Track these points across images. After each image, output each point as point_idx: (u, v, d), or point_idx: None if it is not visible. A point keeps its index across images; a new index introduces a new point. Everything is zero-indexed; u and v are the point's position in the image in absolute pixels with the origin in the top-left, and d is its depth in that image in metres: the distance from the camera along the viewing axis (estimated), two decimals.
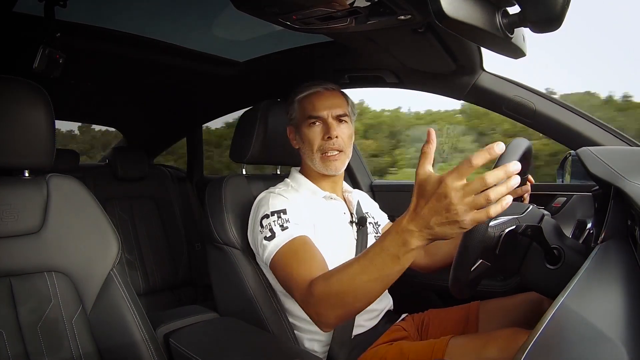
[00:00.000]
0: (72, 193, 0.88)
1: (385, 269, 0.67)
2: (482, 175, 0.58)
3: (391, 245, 0.66)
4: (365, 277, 0.69)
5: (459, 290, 0.79)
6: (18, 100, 0.80)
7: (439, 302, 1.39)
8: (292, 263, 0.88)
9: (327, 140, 1.05)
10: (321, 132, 1.06)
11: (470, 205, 0.58)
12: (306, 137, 1.07)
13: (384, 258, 0.67)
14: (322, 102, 1.07)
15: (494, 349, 0.83)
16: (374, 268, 0.68)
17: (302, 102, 1.09)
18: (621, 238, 0.64)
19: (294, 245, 0.91)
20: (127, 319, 0.86)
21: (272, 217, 0.96)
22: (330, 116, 1.06)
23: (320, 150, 1.06)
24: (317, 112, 1.06)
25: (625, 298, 0.45)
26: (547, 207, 1.23)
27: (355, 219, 1.11)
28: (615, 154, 0.79)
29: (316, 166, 1.08)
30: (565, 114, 1.14)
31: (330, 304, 0.75)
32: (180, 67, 1.55)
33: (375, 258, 0.68)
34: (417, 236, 0.63)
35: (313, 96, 1.08)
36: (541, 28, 0.64)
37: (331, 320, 0.77)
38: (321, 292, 0.76)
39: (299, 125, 1.09)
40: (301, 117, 1.08)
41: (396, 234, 0.65)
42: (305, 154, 1.10)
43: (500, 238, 0.76)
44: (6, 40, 1.17)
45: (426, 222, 0.62)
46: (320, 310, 0.77)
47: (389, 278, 0.69)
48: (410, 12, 0.81)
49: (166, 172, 2.23)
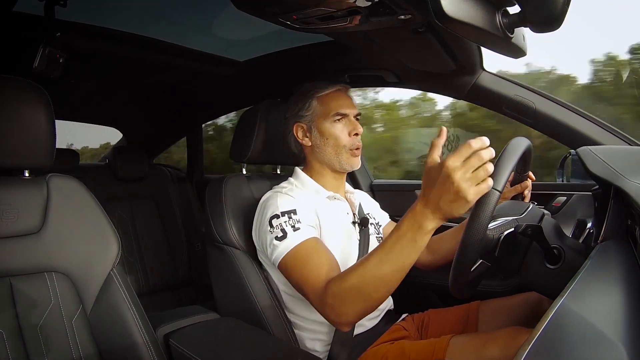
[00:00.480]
0: (72, 193, 0.88)
1: (404, 254, 0.73)
2: (477, 151, 0.66)
3: (408, 231, 0.72)
4: (385, 267, 0.75)
5: (459, 290, 0.79)
6: (18, 100, 0.80)
7: (439, 302, 1.39)
8: (306, 265, 0.89)
9: (353, 137, 1.08)
10: (346, 128, 1.08)
11: (472, 180, 0.66)
12: (330, 133, 1.08)
13: (402, 243, 0.73)
14: (346, 100, 1.11)
15: (494, 348, 0.83)
16: (393, 255, 0.74)
17: (324, 99, 1.10)
18: (621, 238, 0.64)
19: (306, 247, 0.92)
20: (127, 319, 0.86)
21: (283, 218, 0.96)
22: (352, 114, 1.10)
23: (348, 146, 1.08)
24: (343, 109, 1.09)
25: (625, 298, 0.45)
26: (547, 207, 1.23)
27: (358, 219, 1.11)
28: (615, 154, 0.79)
29: (340, 162, 1.09)
30: (565, 113, 1.14)
31: (349, 301, 0.79)
32: (180, 67, 1.55)
33: (394, 246, 0.74)
34: (430, 218, 0.70)
35: (336, 94, 1.11)
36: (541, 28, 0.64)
37: (351, 317, 0.81)
38: (339, 290, 0.80)
39: (319, 122, 1.09)
40: (323, 113, 1.09)
41: (412, 219, 0.72)
42: (322, 150, 1.09)
43: (499, 240, 0.76)
44: (6, 40, 1.17)
45: (436, 203, 0.68)
46: (340, 309, 0.80)
47: (407, 263, 0.74)
48: (410, 12, 0.81)
49: (166, 172, 2.23)
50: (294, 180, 1.13)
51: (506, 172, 0.74)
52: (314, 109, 1.10)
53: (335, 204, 1.11)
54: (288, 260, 0.92)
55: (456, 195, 0.66)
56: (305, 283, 0.88)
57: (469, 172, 0.65)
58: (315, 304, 0.86)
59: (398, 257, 0.74)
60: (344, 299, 0.79)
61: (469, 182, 0.65)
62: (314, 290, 0.85)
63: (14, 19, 1.10)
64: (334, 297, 0.80)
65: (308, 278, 0.87)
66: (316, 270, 0.88)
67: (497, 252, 0.75)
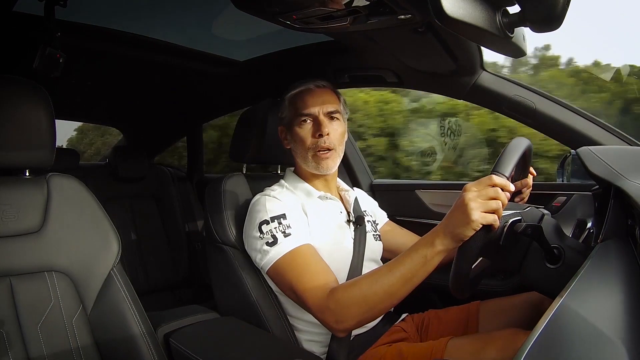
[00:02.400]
0: (73, 192, 0.88)
1: (413, 268, 0.77)
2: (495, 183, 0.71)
3: (420, 247, 0.77)
4: (393, 278, 0.78)
5: (459, 290, 0.79)
6: (18, 99, 0.80)
7: (439, 302, 1.39)
8: (302, 272, 0.89)
9: (318, 138, 1.03)
10: (312, 130, 1.04)
11: (482, 206, 0.70)
12: (297, 135, 1.05)
13: (413, 258, 0.77)
14: (313, 99, 1.05)
15: (493, 350, 0.83)
16: (402, 268, 0.78)
17: (292, 100, 1.08)
18: (621, 237, 0.64)
19: (300, 253, 0.92)
20: (128, 318, 0.86)
21: (273, 224, 0.95)
22: (321, 113, 1.04)
23: (312, 148, 1.03)
24: (307, 109, 1.04)
25: (625, 298, 0.45)
26: (547, 207, 1.23)
27: (353, 217, 1.11)
28: (615, 154, 0.79)
29: (309, 165, 1.06)
30: (565, 114, 1.14)
31: (353, 308, 0.81)
32: (181, 67, 1.55)
33: (405, 259, 0.78)
34: (441, 237, 0.74)
35: (304, 93, 1.06)
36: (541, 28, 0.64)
37: (350, 324, 0.83)
38: (345, 297, 0.82)
39: (290, 124, 1.07)
40: (292, 115, 1.07)
41: (427, 237, 0.77)
42: (297, 153, 1.08)
43: (504, 228, 0.76)
44: (6, 40, 1.17)
45: (448, 224, 0.74)
46: (342, 316, 0.82)
47: (415, 279, 0.77)
48: (410, 12, 0.81)
49: (166, 171, 2.23)
50: (284, 182, 1.11)
51: (511, 161, 0.76)
52: (287, 111, 1.08)
53: (328, 203, 1.10)
54: (280, 266, 0.92)
55: (464, 215, 0.70)
56: (302, 288, 0.88)
57: (481, 198, 0.70)
58: (314, 309, 0.87)
59: (407, 272, 0.77)
60: (347, 306, 0.81)
61: (478, 205, 0.70)
62: (313, 296, 0.86)
63: (14, 19, 1.10)
64: (337, 303, 0.82)
65: (306, 284, 0.88)
66: (315, 276, 0.88)
67: (502, 240, 0.76)
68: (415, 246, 0.78)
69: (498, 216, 0.71)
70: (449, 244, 0.74)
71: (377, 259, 1.14)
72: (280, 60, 1.45)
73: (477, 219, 0.69)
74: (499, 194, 0.70)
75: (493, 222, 0.71)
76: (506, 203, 0.72)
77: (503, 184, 0.71)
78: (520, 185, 1.02)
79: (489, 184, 0.71)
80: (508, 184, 0.72)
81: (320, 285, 0.87)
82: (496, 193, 0.70)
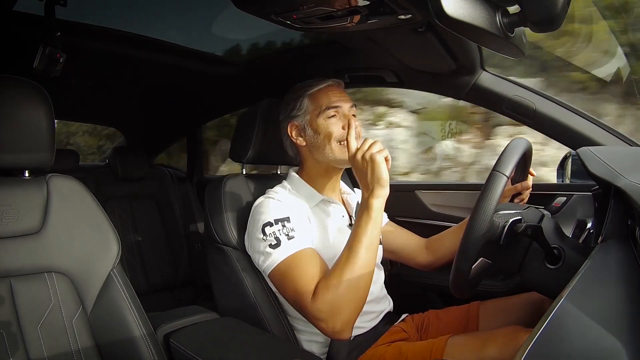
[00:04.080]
0: (72, 193, 0.88)
1: (370, 234, 0.88)
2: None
3: (362, 213, 0.91)
4: (357, 248, 0.88)
5: (459, 290, 0.79)
6: (18, 99, 0.80)
7: (439, 302, 1.39)
8: (301, 276, 0.90)
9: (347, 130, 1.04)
10: (340, 122, 1.05)
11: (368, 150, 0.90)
12: (323, 128, 1.04)
13: (364, 225, 0.89)
14: (338, 94, 1.07)
15: (493, 348, 0.83)
16: (362, 239, 0.88)
17: (315, 95, 1.07)
18: (621, 238, 0.64)
19: (301, 257, 0.92)
20: (128, 319, 0.86)
21: (277, 226, 0.95)
22: (347, 107, 1.06)
23: (342, 139, 1.03)
24: (335, 102, 1.05)
25: (625, 298, 0.44)
26: (547, 207, 1.23)
27: (354, 221, 1.10)
28: (615, 154, 0.79)
29: (334, 156, 1.04)
30: (565, 114, 1.14)
31: (339, 297, 0.84)
32: (180, 67, 1.54)
33: (359, 233, 0.89)
34: (372, 195, 0.89)
35: (328, 89, 1.07)
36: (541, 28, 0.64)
37: (345, 317, 0.85)
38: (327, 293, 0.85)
39: (312, 119, 1.06)
40: (315, 109, 1.06)
41: (361, 206, 0.92)
42: (317, 147, 1.06)
43: (504, 228, 0.76)
44: (6, 40, 1.17)
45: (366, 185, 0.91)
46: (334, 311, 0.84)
47: (373, 239, 0.89)
48: (410, 12, 0.81)
49: (166, 172, 2.23)
50: (287, 184, 1.10)
51: (512, 159, 0.76)
52: (306, 107, 1.07)
53: (330, 207, 1.09)
54: (282, 268, 0.92)
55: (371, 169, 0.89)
56: (299, 292, 0.89)
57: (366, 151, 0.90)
58: (310, 316, 0.88)
59: (368, 240, 0.88)
60: (334, 300, 0.84)
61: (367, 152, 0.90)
62: (307, 301, 0.87)
63: (14, 18, 1.10)
64: (323, 303, 0.85)
65: (303, 288, 0.88)
66: (311, 280, 0.89)
67: (502, 240, 0.75)
68: (358, 218, 0.91)
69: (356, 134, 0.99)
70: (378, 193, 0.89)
71: (378, 262, 1.13)
72: (280, 61, 1.45)
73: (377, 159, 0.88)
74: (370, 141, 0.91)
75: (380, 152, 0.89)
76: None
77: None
78: (521, 187, 1.02)
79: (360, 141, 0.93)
80: None
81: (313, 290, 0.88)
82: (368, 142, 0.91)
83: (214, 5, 1.17)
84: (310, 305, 0.86)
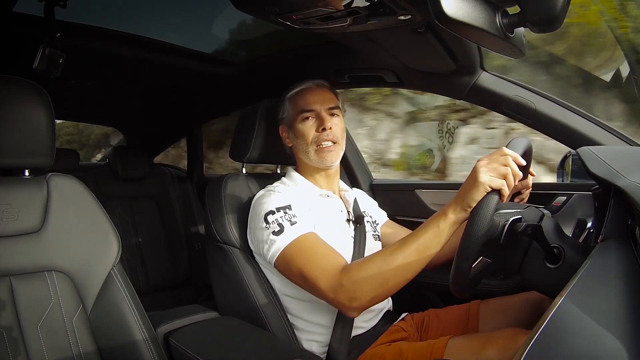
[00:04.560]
0: (73, 192, 0.88)
1: (427, 240, 0.80)
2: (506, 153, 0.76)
3: (433, 219, 0.81)
4: (407, 251, 0.81)
5: (459, 289, 0.79)
6: (18, 100, 0.80)
7: (439, 301, 1.39)
8: (310, 255, 0.90)
9: (321, 132, 1.06)
10: (314, 125, 1.07)
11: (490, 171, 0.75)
12: (300, 131, 1.08)
13: (427, 229, 0.81)
14: (314, 96, 1.09)
15: (493, 350, 0.83)
16: (416, 240, 0.81)
17: (293, 99, 1.11)
18: (621, 237, 0.64)
19: (308, 239, 0.93)
20: (128, 318, 0.86)
21: (279, 213, 0.96)
22: (322, 109, 1.08)
23: (315, 142, 1.07)
24: (309, 105, 1.08)
25: (625, 297, 0.44)
26: (547, 207, 1.23)
27: (353, 217, 1.11)
28: (615, 153, 0.79)
29: (312, 160, 1.08)
30: (565, 114, 1.14)
31: (367, 284, 0.83)
32: (181, 67, 1.55)
33: (418, 232, 0.82)
34: (453, 206, 0.79)
35: (304, 92, 1.11)
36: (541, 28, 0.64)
37: (364, 301, 0.84)
38: (359, 274, 0.83)
39: (292, 122, 1.10)
40: (294, 113, 1.10)
41: (440, 210, 0.81)
42: (299, 149, 1.10)
43: (504, 227, 0.76)
44: (6, 40, 1.17)
45: (460, 194, 0.78)
46: (356, 293, 0.83)
47: (428, 251, 0.80)
48: (410, 12, 0.81)
49: (166, 171, 2.24)
50: (287, 180, 1.13)
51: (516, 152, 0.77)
52: (288, 110, 1.12)
53: (329, 201, 1.11)
54: (288, 253, 0.92)
55: (473, 179, 0.75)
56: (313, 270, 0.88)
57: (491, 164, 0.75)
58: (327, 289, 0.86)
59: (421, 244, 0.80)
60: (361, 282, 0.83)
61: (488, 170, 0.75)
62: (325, 276, 0.86)
63: (14, 19, 1.10)
64: (350, 280, 0.83)
65: (317, 266, 0.88)
66: (324, 258, 0.89)
67: (502, 239, 0.76)
68: (428, 220, 0.82)
69: (508, 184, 0.74)
70: (460, 212, 0.78)
71: None
72: (280, 61, 1.45)
73: (485, 181, 0.74)
74: (509, 162, 0.75)
75: (501, 186, 0.74)
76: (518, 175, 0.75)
77: (514, 155, 0.75)
78: (521, 186, 1.02)
79: (501, 154, 0.76)
80: (518, 157, 0.76)
81: (331, 265, 0.88)
82: (506, 160, 0.75)
83: (214, 5, 1.17)
84: (331, 278, 0.85)
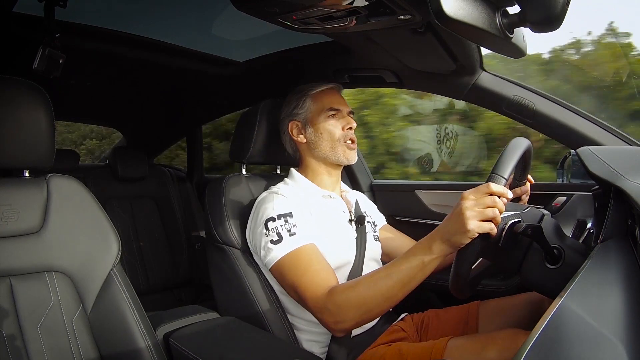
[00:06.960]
0: (72, 193, 0.88)
1: (410, 273, 0.78)
2: (494, 195, 0.72)
3: (418, 250, 0.78)
4: (390, 282, 0.80)
5: (459, 290, 0.79)
6: (18, 100, 0.80)
7: (438, 302, 1.39)
8: (306, 271, 0.91)
9: (347, 131, 1.11)
10: (340, 123, 1.11)
11: (478, 215, 0.70)
12: (325, 128, 1.11)
13: (411, 262, 0.78)
14: (339, 98, 1.16)
15: (493, 351, 0.83)
16: (400, 272, 0.79)
17: (318, 96, 1.13)
18: (621, 237, 0.64)
19: (303, 253, 0.94)
20: (128, 318, 0.86)
21: (279, 221, 0.97)
22: (346, 110, 1.14)
23: (343, 138, 1.10)
24: (336, 105, 1.12)
25: (625, 298, 0.44)
26: (547, 207, 1.23)
27: (354, 217, 1.12)
28: (615, 154, 0.79)
29: (337, 155, 1.11)
30: (565, 114, 1.14)
31: (351, 310, 0.83)
32: (181, 67, 1.55)
33: (402, 263, 0.80)
34: (438, 243, 0.76)
35: (330, 91, 1.15)
36: (541, 28, 0.64)
37: (348, 325, 0.85)
38: (344, 299, 0.84)
39: (313, 118, 1.12)
40: (317, 109, 1.12)
41: (424, 241, 0.79)
42: (316, 146, 1.12)
43: (503, 230, 0.76)
44: (6, 40, 1.17)
45: (445, 231, 0.74)
46: (340, 317, 0.84)
47: (412, 282, 0.79)
48: (410, 12, 0.81)
49: (166, 172, 2.23)
50: (289, 180, 1.14)
51: (511, 161, 0.76)
52: (308, 107, 1.13)
53: (331, 202, 1.12)
54: (283, 264, 0.94)
55: (460, 224, 0.71)
56: (303, 287, 0.90)
57: (478, 207, 0.71)
58: (313, 309, 0.89)
59: (405, 276, 0.79)
60: (346, 308, 0.83)
61: (475, 214, 0.70)
62: (313, 296, 0.88)
63: (13, 19, 1.10)
64: (335, 305, 0.84)
65: (307, 283, 0.90)
66: (316, 275, 0.90)
67: (502, 240, 0.76)
68: (412, 250, 0.80)
69: (495, 224, 0.72)
70: (446, 249, 0.75)
71: (378, 258, 1.15)
72: (280, 61, 1.45)
73: (473, 229, 0.70)
74: (496, 202, 0.71)
75: (490, 230, 0.71)
76: (503, 210, 0.72)
77: (500, 192, 0.72)
78: (520, 191, 1.02)
79: (486, 192, 0.72)
80: (506, 192, 0.73)
81: (320, 285, 0.88)
82: (493, 201, 0.71)
83: (214, 5, 1.17)
84: (318, 300, 0.87)
